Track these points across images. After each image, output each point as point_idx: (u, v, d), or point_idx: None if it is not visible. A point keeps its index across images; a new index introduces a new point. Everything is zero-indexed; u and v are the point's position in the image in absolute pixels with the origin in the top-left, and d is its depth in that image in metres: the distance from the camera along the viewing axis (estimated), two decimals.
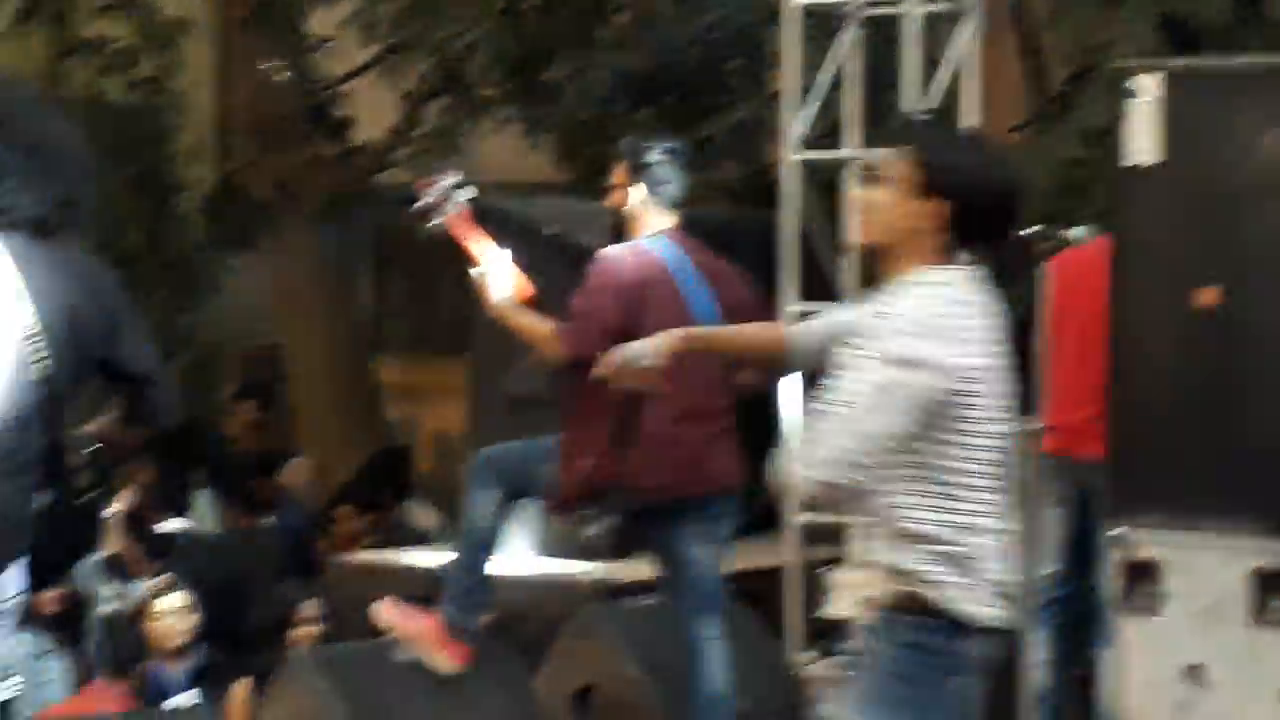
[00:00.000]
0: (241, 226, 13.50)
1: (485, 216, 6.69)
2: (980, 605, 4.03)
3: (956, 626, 4.03)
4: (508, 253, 6.52)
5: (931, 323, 4.00)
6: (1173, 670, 6.87)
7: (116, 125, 13.49)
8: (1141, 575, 6.96)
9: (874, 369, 3.95)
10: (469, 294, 11.68)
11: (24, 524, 4.60)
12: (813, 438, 4.09)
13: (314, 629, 8.01)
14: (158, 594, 8.28)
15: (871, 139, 8.64)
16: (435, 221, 6.50)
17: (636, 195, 6.58)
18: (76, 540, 4.90)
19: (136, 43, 13.62)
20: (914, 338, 3.98)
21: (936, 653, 4.08)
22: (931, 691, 4.12)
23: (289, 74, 12.13)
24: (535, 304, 6.49)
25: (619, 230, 6.64)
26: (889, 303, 4.09)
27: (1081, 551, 7.65)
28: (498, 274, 6.48)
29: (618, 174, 6.71)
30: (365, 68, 12.12)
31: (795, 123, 8.67)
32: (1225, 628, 6.81)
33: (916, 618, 4.03)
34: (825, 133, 8.73)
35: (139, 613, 8.29)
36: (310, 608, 8.12)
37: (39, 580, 5.12)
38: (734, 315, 6.44)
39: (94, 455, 4.77)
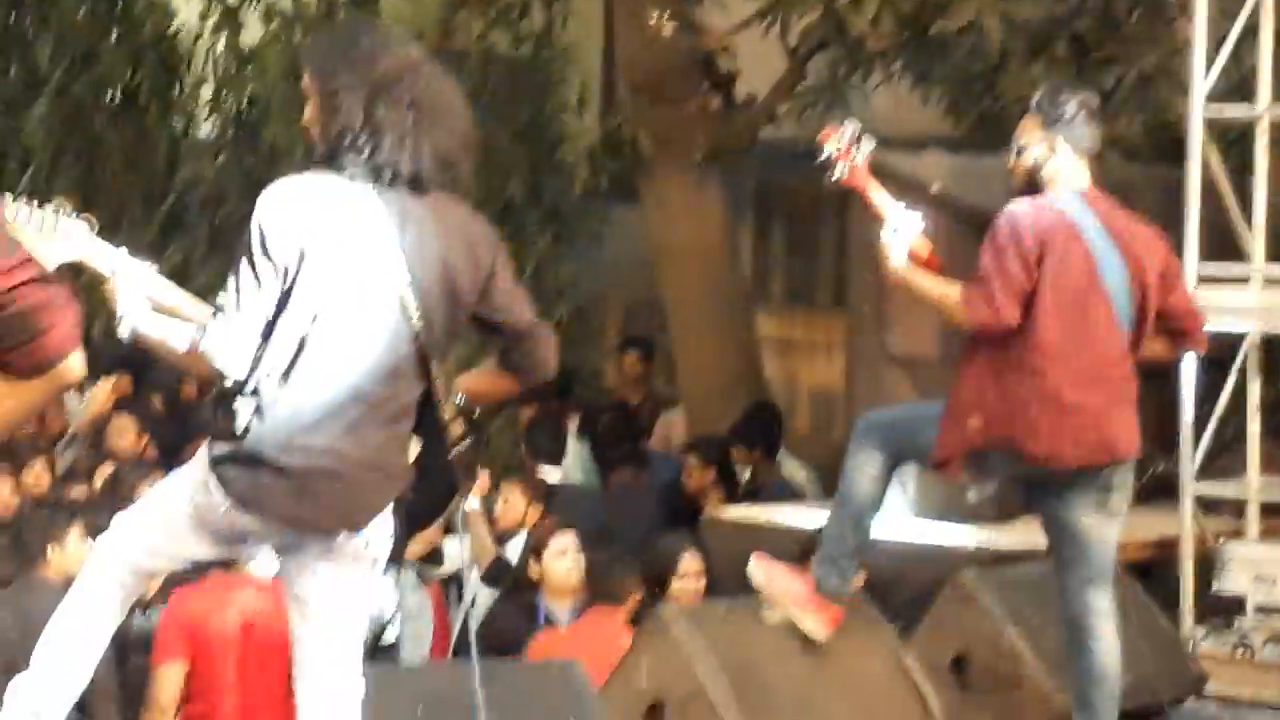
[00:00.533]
0: (625, 178, 13.64)
1: (872, 172, 6.53)
2: None
3: None
4: (912, 210, 6.34)
5: None
6: None
7: (505, 77, 13.75)
8: None
9: None
10: (849, 249, 11.70)
11: (397, 472, 4.72)
12: None
13: (697, 583, 7.97)
14: (550, 532, 8.40)
15: None
16: (838, 173, 6.35)
17: (1050, 148, 6.31)
18: (447, 489, 4.94)
19: None
20: None
21: None
22: None
23: (676, 27, 12.11)
24: (935, 265, 6.31)
25: (1026, 188, 6.36)
26: None
27: None
28: (901, 232, 6.31)
29: (1028, 126, 6.42)
30: (752, 20, 12.05)
31: (1203, 75, 8.38)
32: None
33: None
34: (1235, 86, 8.49)
35: (535, 550, 8.42)
36: (693, 561, 8.10)
37: (410, 527, 5.20)
38: (1148, 288, 6.26)
39: (467, 406, 4.82)
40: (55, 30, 15.35)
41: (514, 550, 8.95)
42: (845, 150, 6.36)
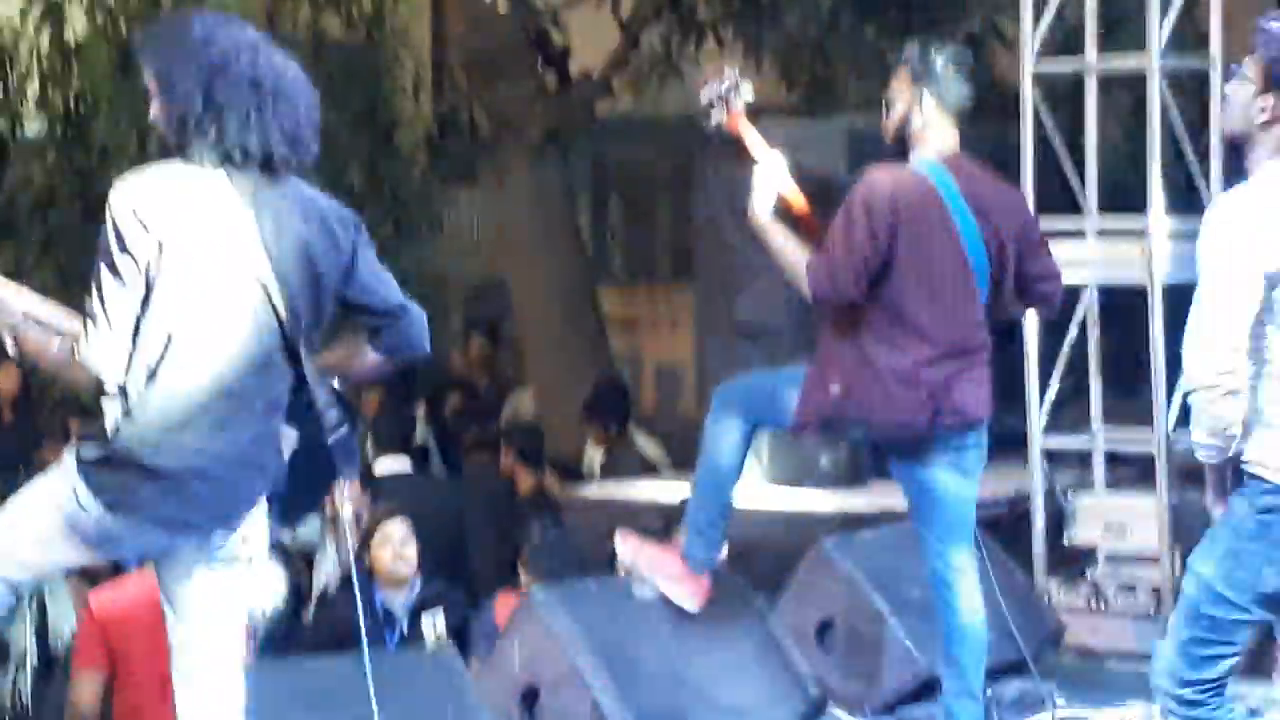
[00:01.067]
0: (462, 160, 13.61)
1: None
2: None
3: None
4: (782, 159, 6.37)
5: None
6: None
7: (336, 63, 13.67)
8: None
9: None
10: (690, 222, 11.74)
11: (270, 467, 4.67)
12: None
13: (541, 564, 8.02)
14: (379, 521, 8.34)
15: (1109, 46, 8.53)
16: (715, 119, 6.38)
17: (918, 105, 6.29)
18: (326, 478, 4.93)
19: None
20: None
21: None
22: None
23: (506, 4, 12.12)
24: (809, 218, 6.35)
25: (897, 146, 6.37)
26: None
27: None
28: (771, 180, 6.33)
29: (897, 81, 6.37)
30: None
31: (1031, 31, 8.48)
32: None
33: None
34: (1062, 41, 8.61)
35: (364, 541, 8.35)
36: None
37: (287, 519, 5.16)
38: (1004, 247, 6.32)
39: (338, 392, 4.81)
40: None
41: None
42: (724, 96, 6.41)
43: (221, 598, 4.72)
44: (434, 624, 7.66)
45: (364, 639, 5.78)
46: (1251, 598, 4.98)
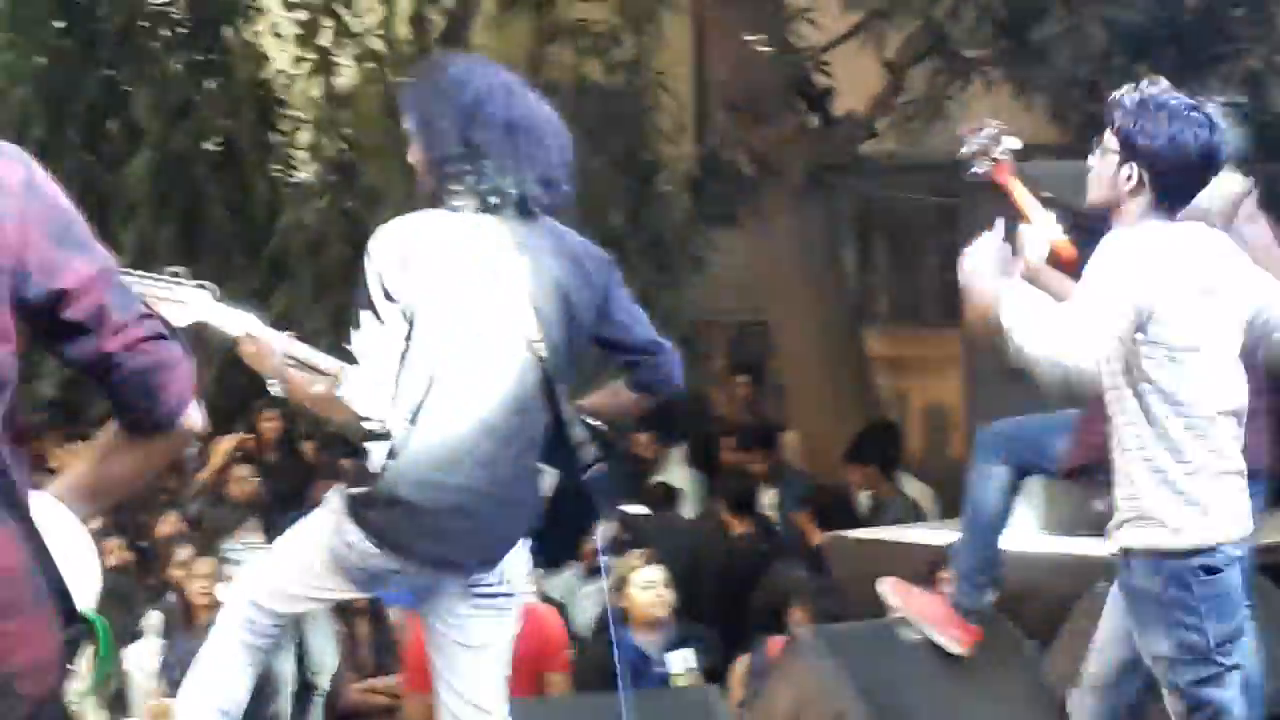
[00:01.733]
0: (724, 202, 13.66)
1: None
2: None
3: None
4: (1051, 212, 6.31)
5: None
6: None
7: (598, 107, 13.79)
8: None
9: None
10: (956, 263, 11.65)
11: (529, 505, 4.73)
12: None
13: (810, 608, 8.01)
14: (635, 567, 8.43)
15: None
16: (978, 169, 6.34)
17: None
18: (584, 517, 4.94)
19: (617, 24, 13.89)
20: None
21: None
22: None
23: (769, 46, 12.14)
24: (1071, 262, 6.28)
25: None
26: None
27: None
28: (1040, 231, 6.27)
29: None
30: (847, 36, 12.08)
31: None
32: None
33: None
34: None
35: (619, 583, 8.40)
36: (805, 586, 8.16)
37: (551, 560, 5.19)
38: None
39: (596, 430, 4.83)
40: (152, 82, 15.51)
41: None
42: (986, 147, 6.36)
43: (483, 635, 4.78)
44: (685, 659, 7.73)
45: (620, 679, 5.84)
46: None
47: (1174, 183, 4.99)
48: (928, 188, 12.52)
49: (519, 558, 4.80)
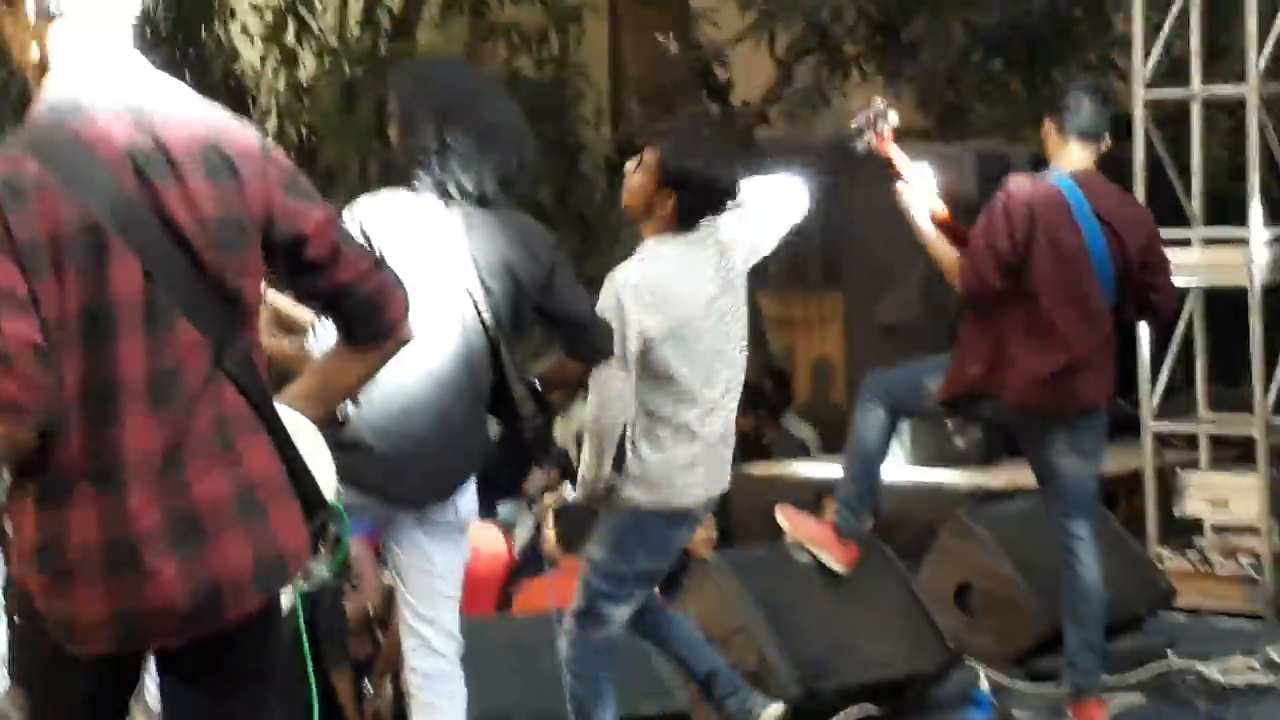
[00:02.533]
0: None
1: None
2: None
3: None
4: (929, 169, 6.42)
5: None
6: None
7: (528, 97, 13.75)
8: None
9: None
10: (839, 235, 11.70)
11: (477, 449, 4.76)
12: None
13: (710, 535, 8.04)
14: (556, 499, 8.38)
15: (1211, 75, 8.45)
16: (866, 140, 6.46)
17: (1051, 128, 6.40)
18: (523, 466, 4.99)
19: (544, 24, 13.88)
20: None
21: None
22: None
23: (676, 44, 12.15)
24: (948, 224, 6.40)
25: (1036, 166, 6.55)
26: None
27: None
28: (921, 190, 6.40)
29: (1046, 119, 6.51)
30: (742, 35, 12.10)
31: (1142, 64, 8.46)
32: None
33: None
34: (1169, 71, 8.55)
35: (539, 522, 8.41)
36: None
37: (496, 496, 5.23)
38: (1127, 255, 6.34)
39: (536, 391, 4.86)
40: None
41: None
42: (872, 123, 6.46)
43: (438, 560, 4.78)
44: None
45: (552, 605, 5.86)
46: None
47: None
48: (813, 169, 12.55)
49: (469, 494, 4.80)
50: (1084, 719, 6.31)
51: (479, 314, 4.66)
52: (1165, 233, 7.66)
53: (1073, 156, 6.33)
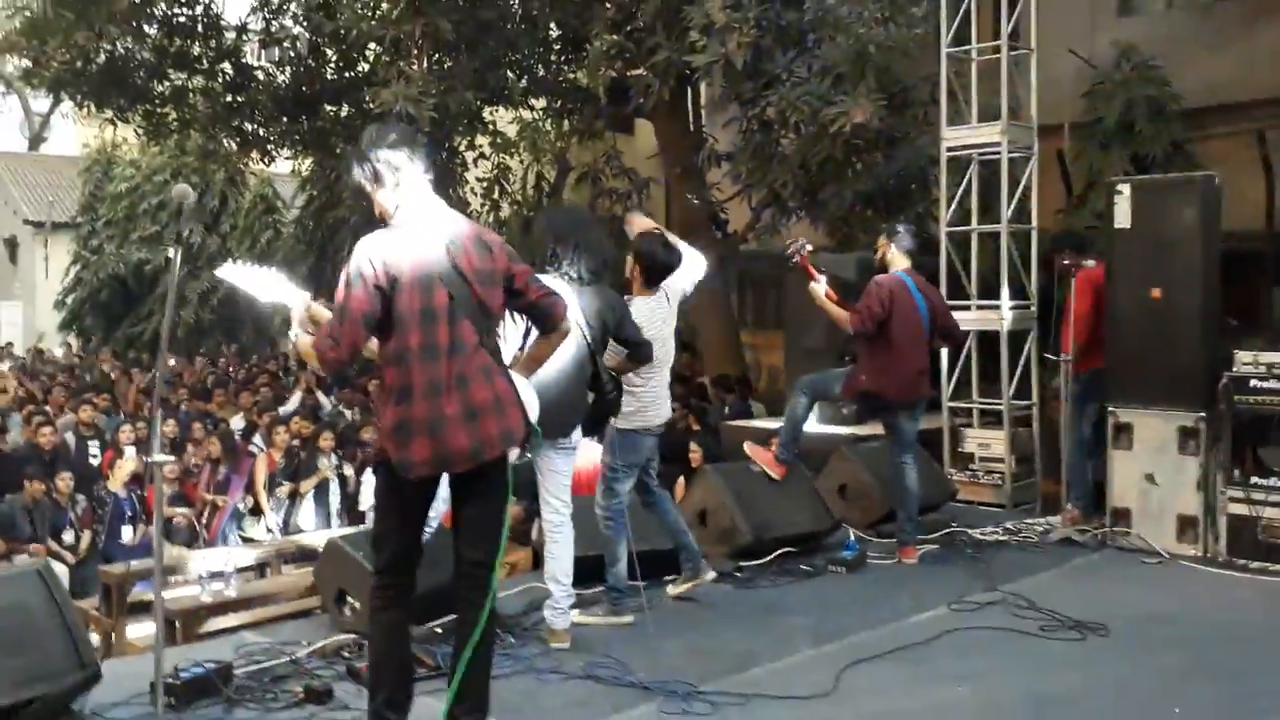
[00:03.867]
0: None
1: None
2: None
3: None
4: (824, 278, 6.48)
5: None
6: (1138, 476, 6.60)
7: (619, 230, 13.77)
8: (1123, 430, 6.69)
9: None
10: (784, 299, 11.69)
11: (582, 408, 4.74)
12: None
13: (699, 455, 8.07)
14: None
15: (982, 220, 8.44)
16: (793, 259, 6.50)
17: (892, 250, 6.42)
18: (605, 417, 4.99)
19: (629, 189, 13.90)
20: None
21: None
22: None
23: (699, 200, 12.23)
24: (835, 298, 6.46)
25: (879, 269, 6.51)
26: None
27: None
28: (820, 287, 6.43)
29: (881, 241, 6.54)
30: (732, 196, 12.17)
31: (945, 216, 8.48)
32: (1164, 455, 6.52)
33: None
34: (961, 217, 8.56)
35: None
36: (696, 448, 8.21)
37: (590, 433, 5.24)
38: (936, 314, 6.42)
39: (613, 377, 4.84)
40: None
41: None
42: (798, 250, 6.52)
43: (559, 465, 4.76)
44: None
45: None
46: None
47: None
48: (771, 267, 12.62)
49: (578, 431, 4.78)
50: (905, 557, 6.29)
51: (585, 337, 4.64)
52: (956, 302, 7.71)
53: (900, 263, 6.40)
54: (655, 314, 5.18)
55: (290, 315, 3.62)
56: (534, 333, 3.97)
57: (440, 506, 4.22)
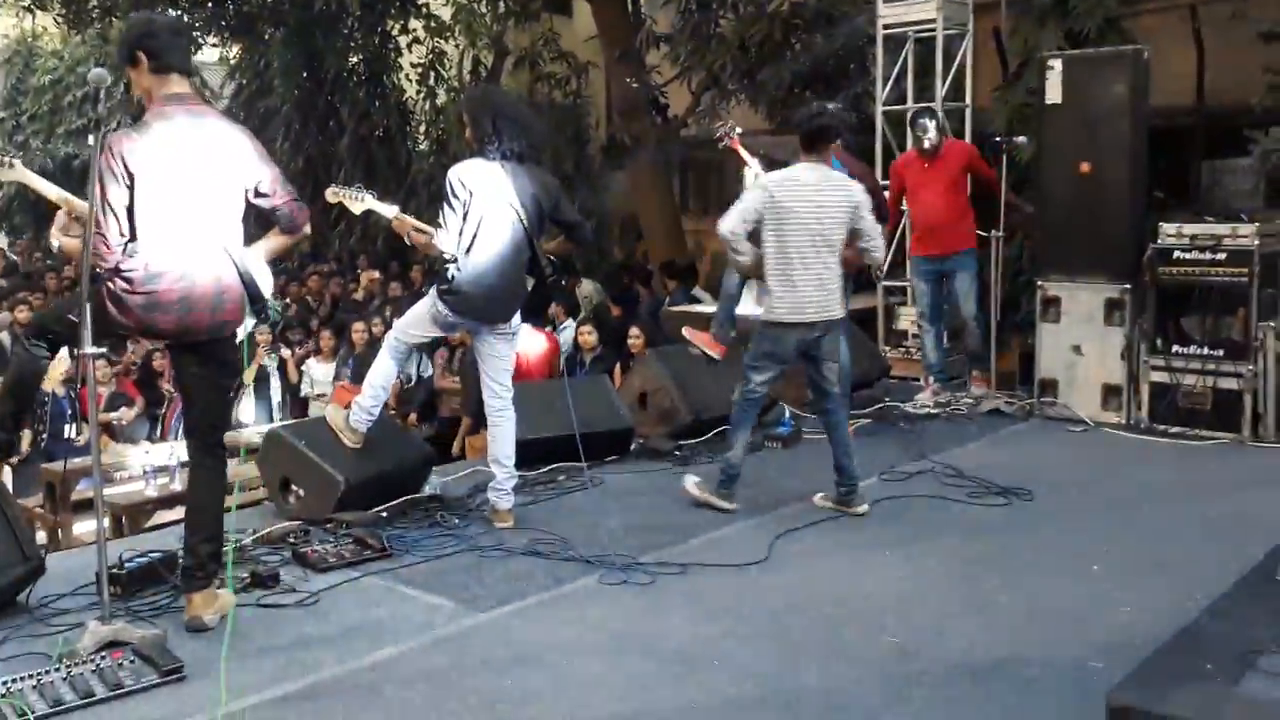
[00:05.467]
0: (618, 157, 13.52)
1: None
2: None
3: None
4: (757, 160, 6.44)
5: None
6: (1066, 347, 6.74)
7: (560, 113, 13.68)
8: (1051, 303, 6.81)
9: None
10: (725, 184, 11.64)
11: (522, 292, 4.77)
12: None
13: (641, 341, 8.10)
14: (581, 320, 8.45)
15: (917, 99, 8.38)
16: (723, 142, 6.42)
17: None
18: (545, 301, 5.05)
19: (570, 74, 13.73)
20: None
21: None
22: None
23: (639, 84, 12.05)
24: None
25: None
26: None
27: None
28: (754, 167, 6.35)
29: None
30: (672, 79, 12.01)
31: (881, 94, 8.43)
32: (1091, 326, 6.66)
33: None
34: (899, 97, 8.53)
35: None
36: (638, 332, 8.23)
37: (530, 317, 5.25)
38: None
39: (552, 262, 4.84)
40: (350, 101, 15.31)
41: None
42: (727, 133, 6.45)
43: (500, 349, 4.83)
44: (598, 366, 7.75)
45: (564, 372, 5.87)
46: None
47: None
48: (710, 152, 12.54)
49: (517, 316, 4.83)
50: None
51: (521, 220, 4.64)
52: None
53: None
54: (807, 189, 4.86)
55: None
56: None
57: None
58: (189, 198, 3.52)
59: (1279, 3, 8.52)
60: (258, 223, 3.83)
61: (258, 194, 3.69)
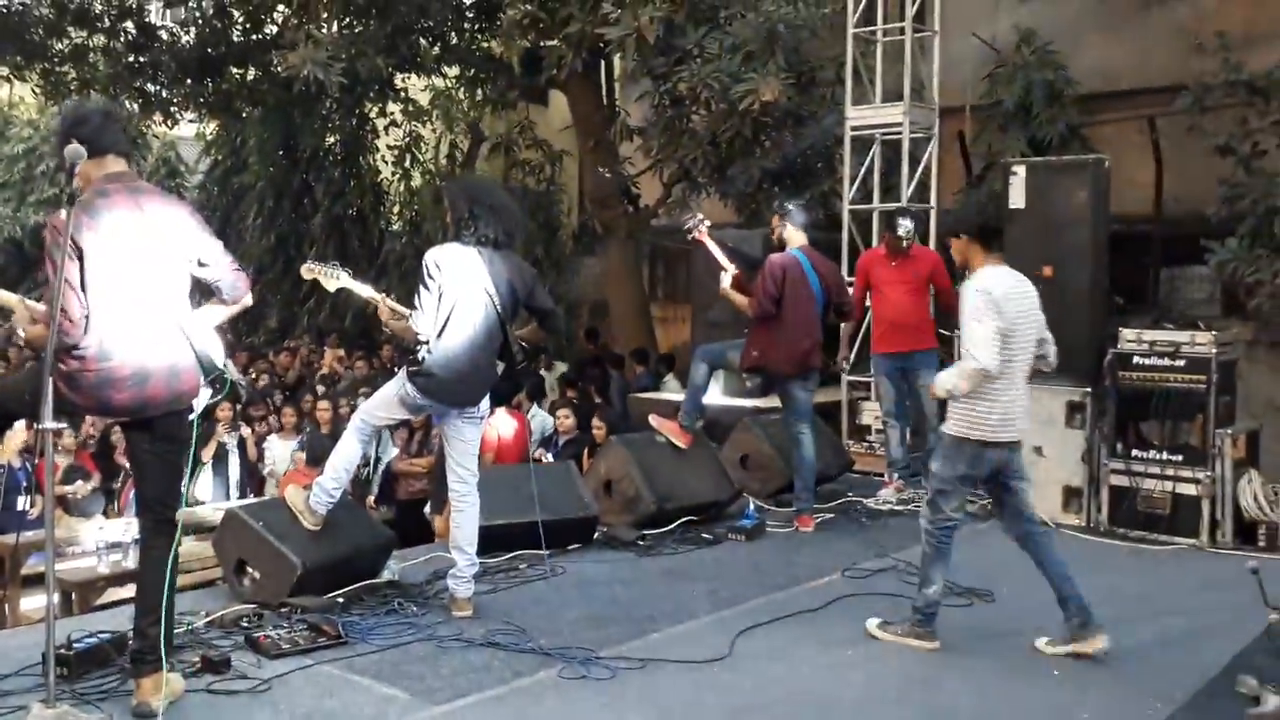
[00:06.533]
0: (589, 244, 13.61)
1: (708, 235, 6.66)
2: None
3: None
4: (717, 249, 6.52)
5: None
6: (1027, 449, 6.80)
7: (534, 200, 13.81)
8: None
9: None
10: (691, 275, 11.74)
11: (491, 378, 4.76)
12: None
13: (603, 430, 8.08)
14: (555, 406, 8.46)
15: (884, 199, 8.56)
16: (691, 234, 6.51)
17: (786, 228, 6.44)
18: (515, 388, 5.04)
19: (543, 161, 13.88)
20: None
21: None
22: None
23: (612, 174, 12.19)
24: (740, 280, 6.48)
25: (777, 246, 6.49)
26: None
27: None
28: (728, 269, 6.46)
29: (774, 220, 6.55)
30: (644, 170, 12.12)
31: (849, 194, 8.59)
32: (1052, 429, 6.73)
33: None
34: (863, 197, 8.66)
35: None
36: (599, 422, 8.23)
37: (500, 403, 5.22)
38: (830, 289, 6.43)
39: (523, 348, 4.86)
40: (324, 180, 15.39)
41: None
42: (695, 226, 6.55)
43: (467, 434, 4.79)
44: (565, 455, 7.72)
45: (531, 460, 5.83)
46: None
47: None
48: (680, 242, 12.67)
49: (486, 401, 4.81)
50: (802, 526, 6.40)
51: (495, 306, 4.64)
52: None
53: (796, 240, 6.43)
54: (1027, 300, 4.37)
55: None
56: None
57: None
58: (135, 273, 3.49)
59: (1233, 117, 8.81)
60: (200, 292, 3.81)
61: (200, 265, 3.66)
